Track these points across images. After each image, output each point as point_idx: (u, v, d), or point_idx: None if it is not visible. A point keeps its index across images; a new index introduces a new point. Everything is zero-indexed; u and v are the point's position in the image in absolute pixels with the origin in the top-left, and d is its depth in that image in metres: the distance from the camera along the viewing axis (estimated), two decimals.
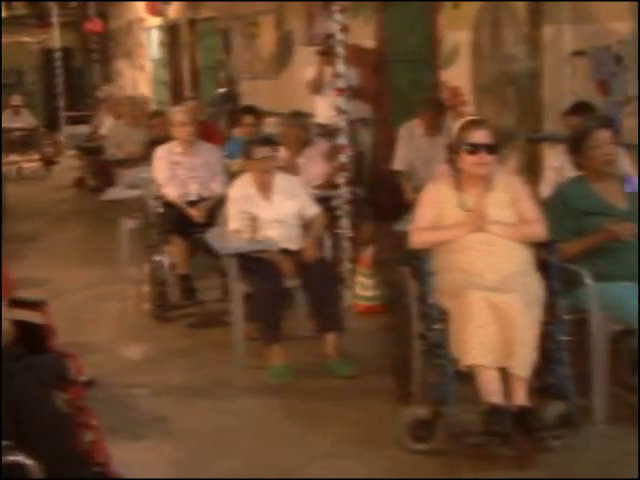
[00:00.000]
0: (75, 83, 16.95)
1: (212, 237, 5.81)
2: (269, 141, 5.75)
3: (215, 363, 5.54)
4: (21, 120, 14.74)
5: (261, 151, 5.57)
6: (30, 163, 14.93)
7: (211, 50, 13.43)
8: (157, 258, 6.55)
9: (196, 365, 5.55)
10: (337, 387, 5.10)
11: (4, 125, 14.15)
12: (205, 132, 7.78)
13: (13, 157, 14.49)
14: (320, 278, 5.32)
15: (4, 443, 2.58)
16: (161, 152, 6.76)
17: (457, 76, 8.08)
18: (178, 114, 6.89)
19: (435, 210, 4.40)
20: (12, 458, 2.53)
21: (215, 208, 6.32)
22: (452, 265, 4.25)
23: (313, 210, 5.67)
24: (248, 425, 4.67)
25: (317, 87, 8.59)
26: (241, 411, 4.85)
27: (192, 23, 14.04)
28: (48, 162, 14.97)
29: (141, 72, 15.06)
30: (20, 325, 3.93)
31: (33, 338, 3.90)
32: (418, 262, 4.35)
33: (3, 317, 3.86)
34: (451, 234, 4.32)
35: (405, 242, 4.53)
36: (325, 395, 5.00)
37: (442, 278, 4.26)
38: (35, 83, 17.32)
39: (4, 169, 13.23)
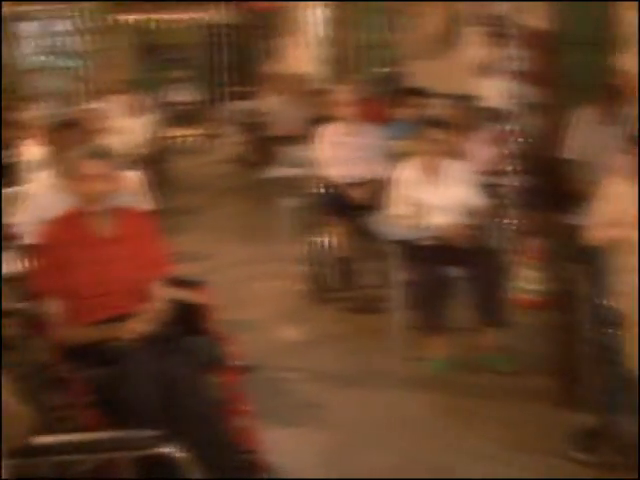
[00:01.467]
0: (240, 59, 17.07)
1: (374, 221, 5.67)
2: (441, 123, 5.52)
3: (370, 351, 5.40)
4: (186, 94, 14.98)
5: (432, 133, 5.37)
6: (193, 137, 15.16)
7: (376, 28, 13.26)
8: (317, 239, 6.47)
9: (351, 352, 5.43)
10: (493, 384, 4.89)
11: (169, 99, 14.41)
12: (369, 112, 7.62)
13: (177, 130, 14.72)
14: (484, 269, 5.11)
15: (153, 433, 2.49)
16: (324, 131, 6.66)
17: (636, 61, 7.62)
18: (342, 93, 6.75)
19: (615, 205, 4.09)
20: (160, 450, 2.44)
21: (377, 191, 6.16)
22: (632, 266, 3.95)
23: (478, 198, 5.44)
24: (399, 419, 4.53)
25: (485, 69, 8.31)
26: (393, 404, 4.71)
27: (356, 1, 13.89)
28: (210, 136, 15.17)
29: (305, 49, 15.02)
30: (178, 305, 3.89)
31: (190, 319, 3.85)
32: (592, 260, 4.08)
33: (161, 296, 3.83)
34: (633, 232, 4.01)
35: (576, 236, 4.25)
36: (480, 392, 4.80)
37: (619, 279, 3.97)
38: (201, 59, 17.55)
39: (168, 142, 13.46)
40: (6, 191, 5.84)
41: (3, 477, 2.20)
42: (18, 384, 3.48)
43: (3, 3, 12.32)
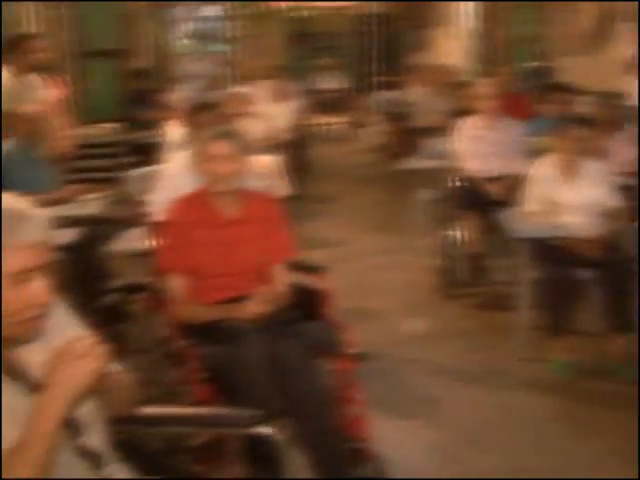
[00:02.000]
0: (389, 49, 17.06)
1: (507, 217, 5.56)
2: (587, 121, 5.35)
3: (493, 349, 5.31)
4: (332, 82, 15.06)
5: (576, 131, 5.22)
6: (337, 124, 15.23)
7: (527, 22, 13.00)
8: (449, 232, 6.41)
9: (473, 348, 5.35)
10: (616, 393, 4.71)
11: (316, 86, 14.53)
12: (511, 106, 7.48)
13: (322, 118, 14.82)
14: (617, 273, 4.94)
15: (256, 413, 2.52)
16: (463, 124, 6.58)
17: None
18: (483, 87, 6.65)
19: None
20: (259, 430, 2.47)
21: (514, 187, 6.04)
22: None
23: (615, 200, 5.26)
24: (514, 420, 4.42)
25: (631, 67, 8.02)
26: (510, 404, 4.60)
27: None
28: (356, 125, 15.21)
29: (454, 42, 14.87)
30: (297, 289, 3.92)
31: (308, 304, 3.87)
32: None
33: (282, 280, 3.87)
34: None
35: None
36: (602, 399, 4.64)
37: None
38: (350, 47, 17.62)
39: (314, 129, 13.58)
40: (147, 169, 6.01)
41: (109, 441, 2.26)
42: (136, 355, 3.60)
43: None
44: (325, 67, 15.32)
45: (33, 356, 2.10)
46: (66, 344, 1.95)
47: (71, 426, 2.05)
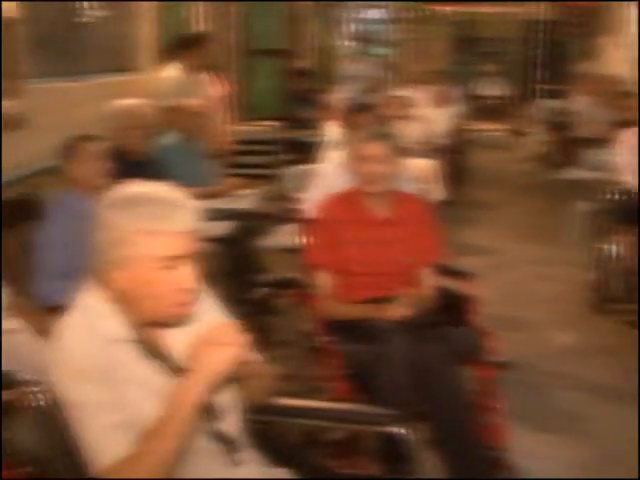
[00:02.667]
0: (554, 57, 16.75)
1: None
2: None
3: None
4: (495, 89, 14.90)
5: None
6: (498, 132, 15.05)
7: None
8: (605, 246, 6.24)
9: (622, 366, 5.17)
10: None
11: (478, 92, 14.40)
12: None
13: (483, 124, 14.66)
14: None
15: (391, 412, 2.53)
16: (624, 136, 6.38)
17: None
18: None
19: None
20: (392, 429, 2.48)
21: None
22: None
23: None
24: None
25: None
26: None
27: None
28: (516, 133, 15.00)
29: (623, 51, 14.44)
30: (443, 293, 3.91)
31: (453, 309, 3.85)
32: None
33: (429, 283, 3.86)
34: None
35: None
36: None
37: None
38: (514, 54, 17.39)
39: (474, 135, 13.46)
40: (304, 167, 6.12)
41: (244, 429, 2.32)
42: (280, 348, 3.67)
43: None
44: (488, 73, 15.14)
45: (177, 340, 2.18)
46: (210, 330, 2.01)
47: (208, 410, 2.12)
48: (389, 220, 3.88)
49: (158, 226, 2.01)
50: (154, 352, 2.14)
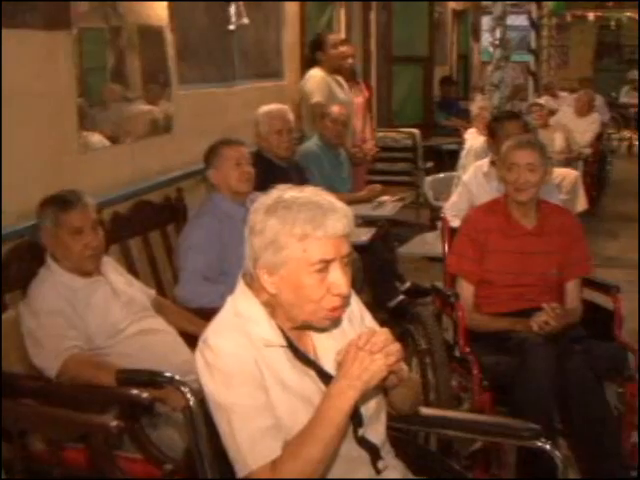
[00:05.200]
0: None
1: None
2: None
3: None
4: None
5: None
6: None
7: None
8: None
9: None
10: None
11: (622, 100, 14.05)
12: None
13: (626, 133, 14.26)
14: None
15: (534, 427, 2.48)
16: None
17: None
18: None
19: None
20: (538, 444, 2.43)
21: None
22: None
23: None
24: None
25: None
26: None
27: None
28: None
29: None
30: (589, 307, 3.82)
31: (599, 323, 3.76)
32: None
33: (574, 296, 3.78)
34: None
35: None
36: None
37: None
38: None
39: (617, 144, 13.12)
40: (445, 175, 6.09)
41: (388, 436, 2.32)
42: (423, 358, 3.66)
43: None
44: (631, 80, 14.74)
45: (326, 344, 2.20)
46: (362, 337, 2.01)
47: (355, 417, 2.12)
48: (536, 230, 3.81)
49: (311, 230, 2.03)
50: (303, 357, 2.16)
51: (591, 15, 16.15)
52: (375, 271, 5.40)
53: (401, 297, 5.42)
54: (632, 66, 16.31)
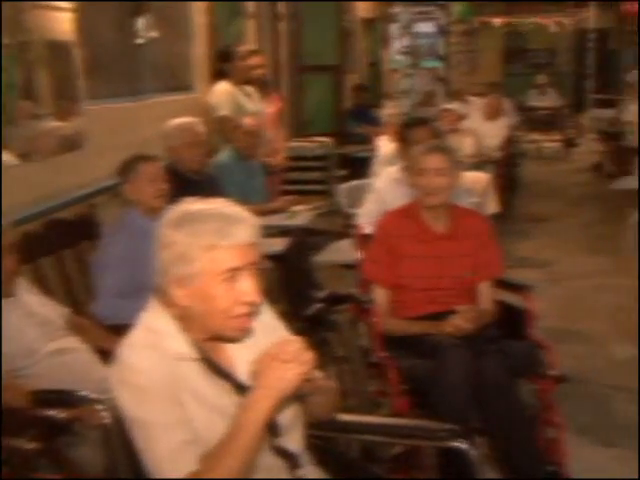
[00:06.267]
0: (607, 65, 16.61)
1: None
2: None
3: None
4: (547, 99, 14.81)
5: None
6: (550, 143, 14.92)
7: None
8: None
9: None
10: None
11: (530, 103, 14.32)
12: None
13: (534, 135, 14.56)
14: None
15: (452, 427, 2.52)
16: None
17: None
18: None
19: None
20: (455, 444, 2.47)
21: None
22: None
23: None
24: None
25: None
26: None
27: None
28: (568, 144, 14.87)
29: None
30: (501, 307, 3.89)
31: (512, 322, 3.83)
32: None
33: (487, 297, 3.85)
34: None
35: None
36: None
37: None
38: (567, 64, 17.28)
39: (526, 147, 13.37)
40: (357, 183, 6.13)
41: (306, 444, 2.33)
42: (338, 364, 3.68)
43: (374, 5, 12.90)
44: (539, 84, 15.05)
45: (240, 356, 2.21)
46: (275, 347, 2.03)
47: (272, 427, 2.14)
48: (448, 234, 3.87)
49: (218, 240, 2.05)
50: (217, 369, 2.17)
51: (498, 21, 16.44)
52: (291, 280, 5.41)
53: (318, 305, 5.42)
54: (539, 70, 16.67)
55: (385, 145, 7.04)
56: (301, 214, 5.84)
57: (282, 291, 5.26)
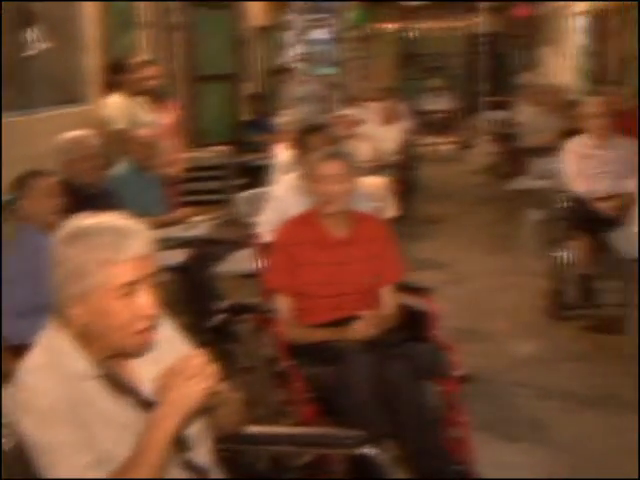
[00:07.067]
0: (497, 68, 16.97)
1: (619, 238, 5.45)
2: None
3: (606, 373, 5.16)
4: (440, 103, 15.05)
5: None
6: (445, 145, 15.16)
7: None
8: (558, 253, 6.30)
9: (586, 372, 5.22)
10: None
11: (424, 107, 14.53)
12: (625, 125, 7.32)
13: (430, 138, 14.77)
14: None
15: (361, 434, 2.53)
16: (572, 144, 6.46)
17: None
18: (592, 105, 6.52)
19: None
20: (363, 450, 2.48)
21: (625, 206, 5.90)
22: None
23: None
24: (628, 446, 4.20)
25: None
26: (626, 429, 4.40)
27: (621, 10, 13.40)
28: (464, 145, 15.12)
29: (564, 59, 14.68)
30: (404, 310, 3.91)
31: (415, 325, 3.86)
32: None
33: (390, 301, 3.87)
34: None
35: None
36: None
37: None
38: (459, 67, 17.59)
39: (422, 150, 13.55)
40: (256, 191, 6.10)
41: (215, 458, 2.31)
42: (243, 375, 3.65)
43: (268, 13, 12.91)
44: (433, 88, 15.30)
45: (142, 372, 2.16)
46: (179, 362, 2.00)
47: (180, 442, 2.10)
48: (348, 240, 3.88)
49: (113, 254, 2.01)
50: (120, 386, 2.12)
51: (391, 26, 16.63)
52: (192, 292, 5.36)
53: (221, 316, 5.39)
54: (432, 74, 16.93)
55: (282, 153, 7.03)
56: (200, 225, 5.78)
57: (184, 303, 5.20)
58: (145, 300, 2.06)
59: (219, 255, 5.66)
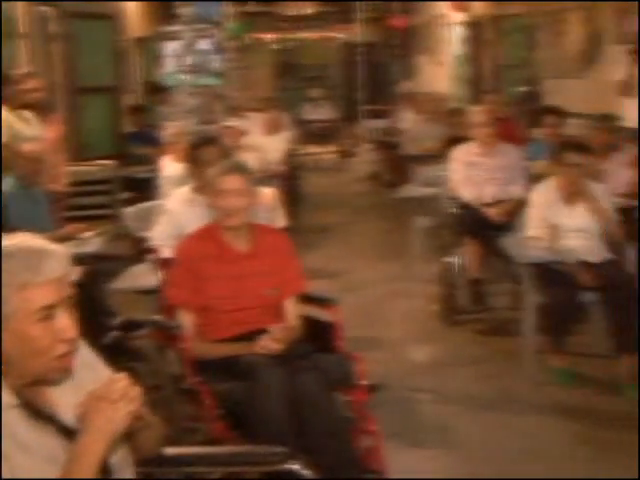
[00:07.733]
0: (376, 78, 17.19)
1: (508, 242, 5.57)
2: (582, 147, 5.34)
3: (503, 374, 5.29)
4: (321, 112, 15.15)
5: (572, 157, 5.20)
6: (328, 154, 15.25)
7: (514, 47, 13.11)
8: (448, 259, 6.40)
9: (483, 375, 5.32)
10: (629, 413, 4.67)
11: (306, 117, 14.59)
12: (505, 131, 7.51)
13: (311, 148, 14.84)
14: (620, 295, 4.94)
15: (280, 449, 2.50)
16: (458, 152, 6.59)
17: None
18: (477, 114, 6.66)
19: None
20: (287, 466, 2.45)
21: (513, 211, 6.04)
22: None
23: (615, 221, 5.27)
24: (534, 446, 4.36)
25: (626, 89, 8.09)
26: (525, 429, 4.55)
27: (496, 20, 13.77)
28: (345, 154, 15.24)
29: (442, 68, 14.99)
30: (309, 322, 3.90)
31: (320, 336, 3.85)
32: None
33: (294, 313, 3.85)
34: None
35: None
36: (615, 421, 4.62)
37: None
38: (338, 77, 17.74)
39: (305, 159, 13.60)
40: (145, 205, 5.99)
41: None
42: (151, 395, 3.56)
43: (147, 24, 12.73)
44: (313, 97, 15.39)
45: (62, 396, 2.08)
46: (101, 386, 1.94)
47: (104, 468, 2.03)
48: (250, 253, 3.85)
49: (31, 277, 1.93)
50: (40, 414, 2.03)
51: (269, 37, 16.67)
52: (86, 309, 5.20)
53: (114, 333, 5.27)
54: (311, 84, 17.02)
55: (170, 165, 6.94)
56: (91, 241, 5.64)
57: (78, 321, 5.05)
58: (65, 323, 1.99)
59: (113, 271, 5.53)
